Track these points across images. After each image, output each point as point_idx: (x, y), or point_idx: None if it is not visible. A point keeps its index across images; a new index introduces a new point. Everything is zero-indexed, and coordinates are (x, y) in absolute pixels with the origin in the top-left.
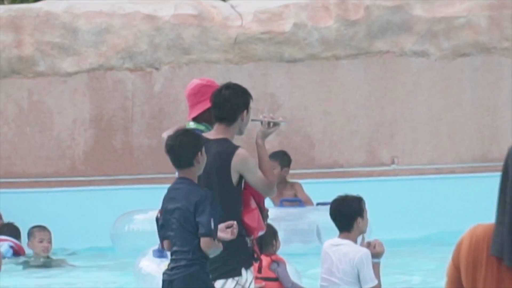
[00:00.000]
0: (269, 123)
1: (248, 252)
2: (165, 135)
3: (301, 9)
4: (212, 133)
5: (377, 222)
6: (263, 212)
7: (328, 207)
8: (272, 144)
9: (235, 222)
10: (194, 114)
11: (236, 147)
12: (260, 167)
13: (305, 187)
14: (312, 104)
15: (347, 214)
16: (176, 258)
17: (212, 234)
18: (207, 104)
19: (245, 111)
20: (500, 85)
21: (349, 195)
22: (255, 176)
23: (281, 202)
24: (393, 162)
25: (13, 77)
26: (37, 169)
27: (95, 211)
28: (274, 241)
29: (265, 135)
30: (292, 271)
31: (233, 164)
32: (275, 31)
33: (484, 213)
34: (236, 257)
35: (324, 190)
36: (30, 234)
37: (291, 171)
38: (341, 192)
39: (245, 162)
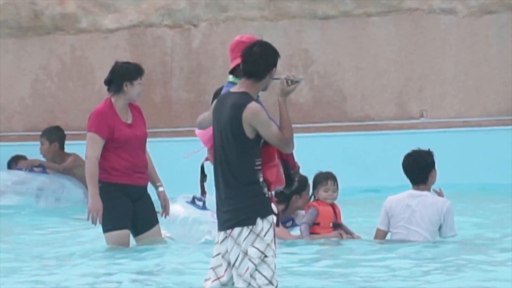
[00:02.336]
0: (288, 81)
1: (265, 202)
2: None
3: None
4: (236, 87)
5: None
6: (294, 169)
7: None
8: (306, 98)
9: None
10: (231, 68)
11: (249, 100)
12: (280, 123)
13: (338, 140)
14: (344, 60)
15: (424, 166)
16: None
17: None
18: (239, 60)
19: (274, 69)
20: None
21: (422, 149)
22: (267, 130)
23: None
24: (422, 116)
25: (56, 33)
26: (79, 122)
27: None
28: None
29: (285, 93)
30: None
31: (243, 116)
32: None
33: (508, 162)
34: (252, 207)
35: (355, 142)
36: None
37: (323, 124)
38: (372, 145)
39: (255, 115)
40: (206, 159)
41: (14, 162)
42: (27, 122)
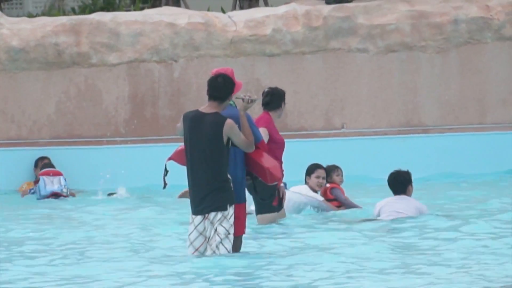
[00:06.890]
0: (247, 100)
1: (232, 194)
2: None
3: (278, 19)
4: (206, 108)
5: None
6: (272, 183)
7: None
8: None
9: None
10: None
11: (225, 118)
12: (242, 131)
13: None
14: (286, 86)
15: (403, 181)
16: None
17: None
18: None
19: (232, 95)
20: (419, 73)
21: (402, 170)
22: (239, 138)
23: None
24: (343, 127)
25: (74, 67)
26: (91, 132)
27: (133, 161)
28: (335, 173)
29: (245, 108)
30: None
31: (224, 130)
32: (260, 34)
33: (407, 163)
34: (223, 197)
35: (293, 147)
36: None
37: None
38: (306, 149)
39: (232, 129)
40: (169, 159)
41: (40, 161)
42: (52, 132)
